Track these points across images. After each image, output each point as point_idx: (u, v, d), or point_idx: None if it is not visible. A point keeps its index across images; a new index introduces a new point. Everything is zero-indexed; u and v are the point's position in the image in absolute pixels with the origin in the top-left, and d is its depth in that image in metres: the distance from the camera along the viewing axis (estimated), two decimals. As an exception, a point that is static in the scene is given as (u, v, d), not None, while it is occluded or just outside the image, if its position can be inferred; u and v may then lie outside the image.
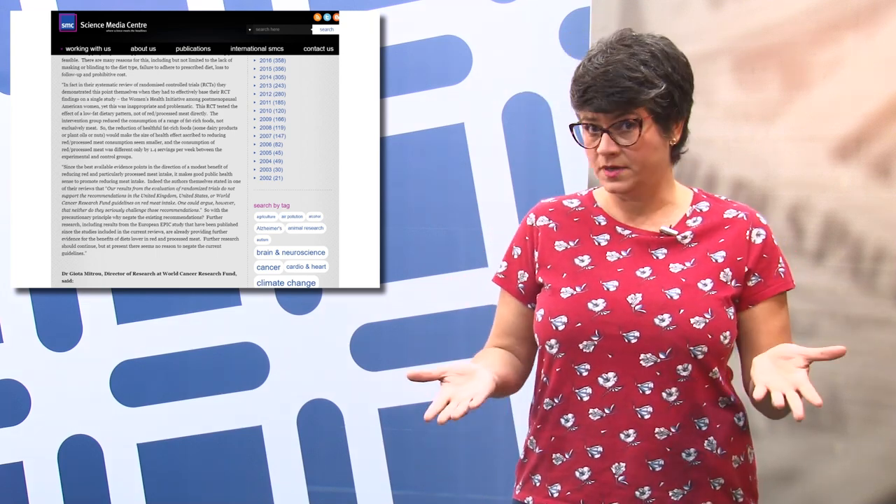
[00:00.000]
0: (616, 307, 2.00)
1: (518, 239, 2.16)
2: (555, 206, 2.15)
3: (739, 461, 2.06)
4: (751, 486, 2.09)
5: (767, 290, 2.04)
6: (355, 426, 3.46)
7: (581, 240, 2.09)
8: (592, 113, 1.98)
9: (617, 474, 2.00)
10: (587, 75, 1.99)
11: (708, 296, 2.00)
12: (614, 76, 1.97)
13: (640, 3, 2.99)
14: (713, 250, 2.04)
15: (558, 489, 2.05)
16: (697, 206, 2.09)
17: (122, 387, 3.52)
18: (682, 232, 2.05)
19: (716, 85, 2.85)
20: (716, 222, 2.06)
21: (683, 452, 2.00)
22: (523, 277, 2.13)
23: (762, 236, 2.05)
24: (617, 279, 2.03)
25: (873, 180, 2.62)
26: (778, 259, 2.06)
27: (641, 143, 1.99)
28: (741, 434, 2.07)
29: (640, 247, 2.05)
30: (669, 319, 1.98)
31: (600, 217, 2.10)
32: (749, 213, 2.08)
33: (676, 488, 2.00)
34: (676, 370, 1.98)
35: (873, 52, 2.62)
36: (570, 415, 2.03)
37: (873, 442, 2.65)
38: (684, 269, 2.02)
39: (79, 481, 3.54)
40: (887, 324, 2.61)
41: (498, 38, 3.36)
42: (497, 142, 3.36)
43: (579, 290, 2.03)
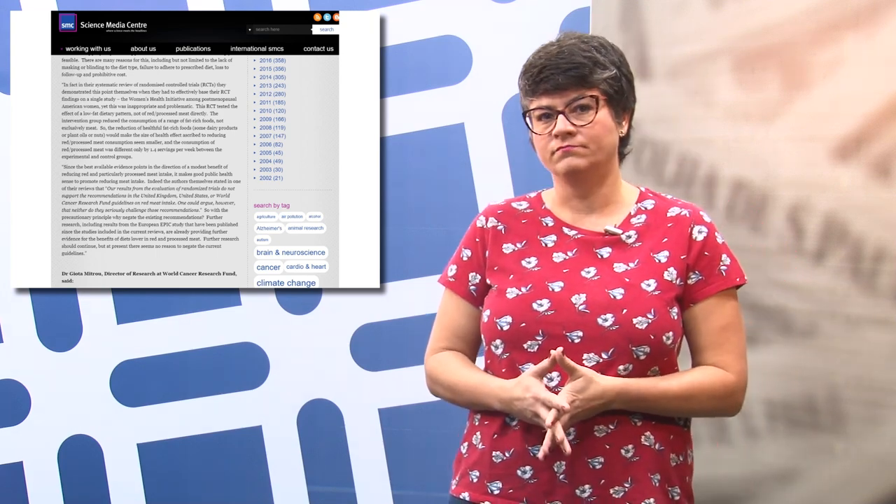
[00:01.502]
0: (560, 307, 2.01)
1: (468, 241, 2.17)
2: (503, 209, 2.16)
3: (678, 460, 2.06)
4: (687, 487, 2.09)
5: (707, 289, 2.05)
6: (355, 426, 3.46)
7: (528, 241, 2.10)
8: (548, 97, 2.02)
9: (558, 472, 2.01)
10: (539, 60, 2.04)
11: (651, 296, 2.00)
12: (569, 55, 2.02)
13: (640, 3, 2.99)
14: (657, 250, 2.05)
15: (499, 486, 2.05)
16: (643, 203, 2.10)
17: (122, 387, 3.52)
18: (626, 231, 2.06)
19: (716, 85, 2.85)
20: (659, 220, 2.08)
21: (622, 449, 2.01)
22: (475, 280, 2.14)
23: (703, 233, 2.06)
24: (562, 280, 2.04)
25: (873, 180, 2.62)
26: (720, 256, 2.06)
27: (596, 122, 2.02)
28: (681, 433, 2.08)
29: (585, 247, 2.07)
30: (612, 319, 1.99)
31: (547, 218, 2.11)
32: (692, 211, 2.09)
33: (617, 485, 2.01)
34: (618, 370, 1.99)
35: (873, 52, 2.62)
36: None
37: (873, 442, 2.65)
38: (628, 270, 2.03)
39: (79, 481, 3.54)
40: (887, 324, 2.61)
41: (498, 38, 3.36)
42: (497, 142, 3.36)
43: (524, 290, 2.04)
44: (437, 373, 2.15)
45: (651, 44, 2.96)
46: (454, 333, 2.17)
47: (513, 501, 2.04)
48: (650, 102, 2.88)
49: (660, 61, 2.93)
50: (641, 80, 2.89)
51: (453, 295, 2.16)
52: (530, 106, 2.05)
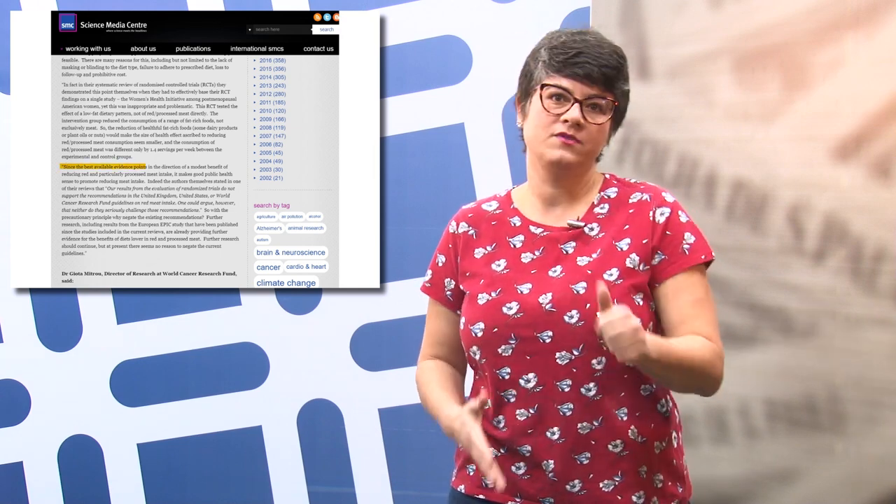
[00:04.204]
0: (528, 309, 2.01)
1: (442, 247, 2.17)
2: (474, 212, 2.16)
3: (661, 446, 2.06)
4: (675, 470, 2.09)
5: (671, 268, 2.03)
6: (355, 426, 3.46)
7: (498, 244, 2.10)
8: (571, 82, 1.99)
9: (547, 471, 2.02)
10: (576, 44, 2.01)
11: (613, 286, 1.99)
12: (608, 52, 2.02)
13: (640, 3, 2.99)
14: (619, 238, 2.04)
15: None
16: (605, 192, 2.09)
17: (122, 387, 3.52)
18: (589, 222, 2.06)
19: (716, 85, 2.85)
20: (621, 207, 2.06)
21: (610, 444, 2.01)
22: (450, 285, 2.15)
23: (665, 214, 2.04)
24: (530, 281, 2.04)
25: (873, 180, 2.62)
26: (683, 235, 2.04)
27: (603, 127, 2.02)
28: (663, 420, 2.07)
29: (551, 244, 2.06)
30: (577, 315, 1.98)
31: (515, 218, 2.11)
32: (654, 194, 2.07)
33: (607, 479, 2.02)
34: (591, 364, 1.99)
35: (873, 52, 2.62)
36: (500, 416, 2.05)
37: (873, 442, 2.65)
38: (590, 261, 2.02)
39: (79, 481, 3.54)
40: (887, 324, 2.61)
41: (498, 38, 3.36)
42: (497, 142, 3.36)
43: (494, 294, 2.04)
44: (418, 384, 2.18)
45: (651, 44, 2.96)
46: (437, 340, 2.19)
47: (506, 496, 2.05)
48: (650, 102, 2.89)
49: (660, 61, 2.93)
50: (641, 80, 2.90)
51: (433, 301, 2.18)
52: (548, 81, 2.01)
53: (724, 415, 2.81)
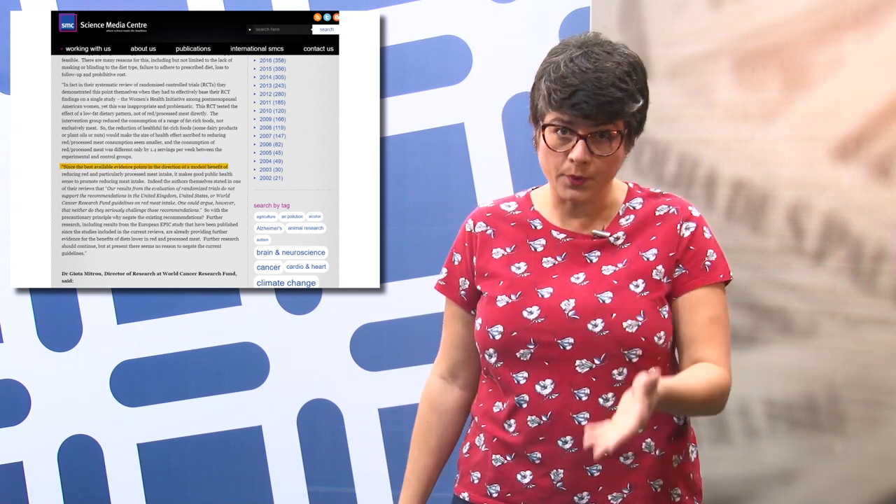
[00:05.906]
0: (550, 314, 1.99)
1: (458, 245, 2.14)
2: (492, 211, 2.12)
3: (679, 460, 2.05)
4: (692, 485, 2.08)
5: (691, 283, 2.01)
6: (355, 426, 3.46)
7: (518, 246, 2.07)
8: (571, 116, 1.93)
9: (555, 480, 2.00)
10: (573, 76, 1.93)
11: (640, 297, 1.98)
12: (607, 84, 1.92)
13: (640, 3, 2.99)
14: (645, 248, 2.02)
15: (497, 489, 2.05)
16: (631, 203, 2.07)
17: (122, 387, 3.52)
18: (614, 232, 2.04)
19: (716, 85, 2.85)
20: (648, 219, 2.05)
21: (621, 456, 1.99)
22: (464, 285, 2.12)
23: (691, 229, 2.03)
24: (552, 286, 2.01)
25: (873, 180, 2.62)
26: (706, 251, 2.03)
27: (613, 156, 1.97)
28: (681, 433, 2.06)
29: (574, 251, 2.04)
30: (602, 324, 1.97)
31: (536, 221, 2.08)
32: (680, 207, 2.06)
33: (615, 492, 2.00)
34: (612, 375, 1.97)
35: (873, 52, 2.62)
36: (512, 420, 2.03)
37: (873, 442, 2.65)
38: (616, 271, 2.01)
39: (79, 481, 3.54)
40: (887, 324, 2.61)
41: (498, 38, 3.36)
42: (497, 142, 3.36)
43: (514, 298, 2.02)
44: (418, 414, 2.24)
45: (651, 44, 2.96)
46: (453, 344, 2.16)
47: None
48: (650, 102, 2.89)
49: (660, 61, 2.93)
50: (641, 80, 2.89)
51: (449, 301, 2.16)
52: (549, 117, 1.96)
53: (725, 415, 2.81)
